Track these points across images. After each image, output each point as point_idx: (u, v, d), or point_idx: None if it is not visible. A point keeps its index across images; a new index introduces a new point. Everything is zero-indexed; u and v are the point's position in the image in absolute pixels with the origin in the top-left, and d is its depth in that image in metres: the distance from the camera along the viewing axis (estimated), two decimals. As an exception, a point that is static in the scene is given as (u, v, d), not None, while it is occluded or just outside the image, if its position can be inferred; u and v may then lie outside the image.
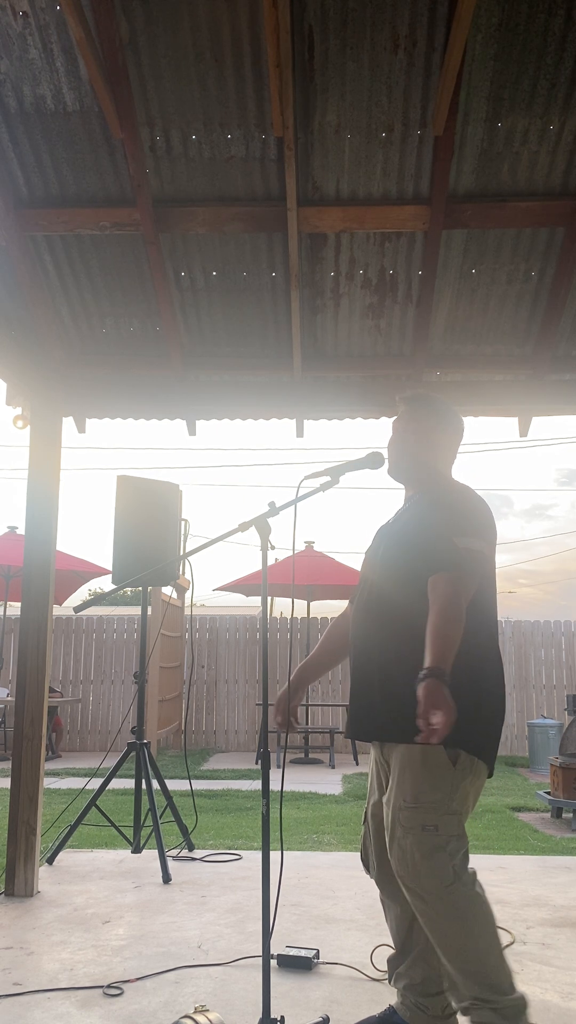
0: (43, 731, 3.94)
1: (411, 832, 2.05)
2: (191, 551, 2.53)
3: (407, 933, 2.30)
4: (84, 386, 4.19)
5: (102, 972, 2.86)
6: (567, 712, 7.29)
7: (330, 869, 4.31)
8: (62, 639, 11.15)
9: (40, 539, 4.03)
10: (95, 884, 4.00)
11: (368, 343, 4.14)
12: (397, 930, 2.34)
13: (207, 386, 4.27)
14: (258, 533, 2.33)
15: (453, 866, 2.03)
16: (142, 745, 4.50)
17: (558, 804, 6.20)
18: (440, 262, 3.71)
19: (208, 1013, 2.31)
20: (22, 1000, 2.64)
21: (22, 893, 3.79)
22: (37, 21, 2.94)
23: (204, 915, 3.52)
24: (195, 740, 10.86)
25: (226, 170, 3.44)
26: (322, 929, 3.33)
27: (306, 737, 10.12)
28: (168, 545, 4.56)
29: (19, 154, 3.40)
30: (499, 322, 4.00)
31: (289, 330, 4.03)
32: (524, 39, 2.96)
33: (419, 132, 3.26)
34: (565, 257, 3.64)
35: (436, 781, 2.07)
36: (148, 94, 3.17)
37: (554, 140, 3.28)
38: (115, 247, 3.74)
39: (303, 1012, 2.53)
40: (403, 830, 2.07)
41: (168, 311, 3.92)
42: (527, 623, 11.05)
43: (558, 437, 42.59)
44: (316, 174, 3.44)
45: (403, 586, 2.21)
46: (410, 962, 2.29)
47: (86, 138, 3.32)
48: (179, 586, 9.82)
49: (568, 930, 3.34)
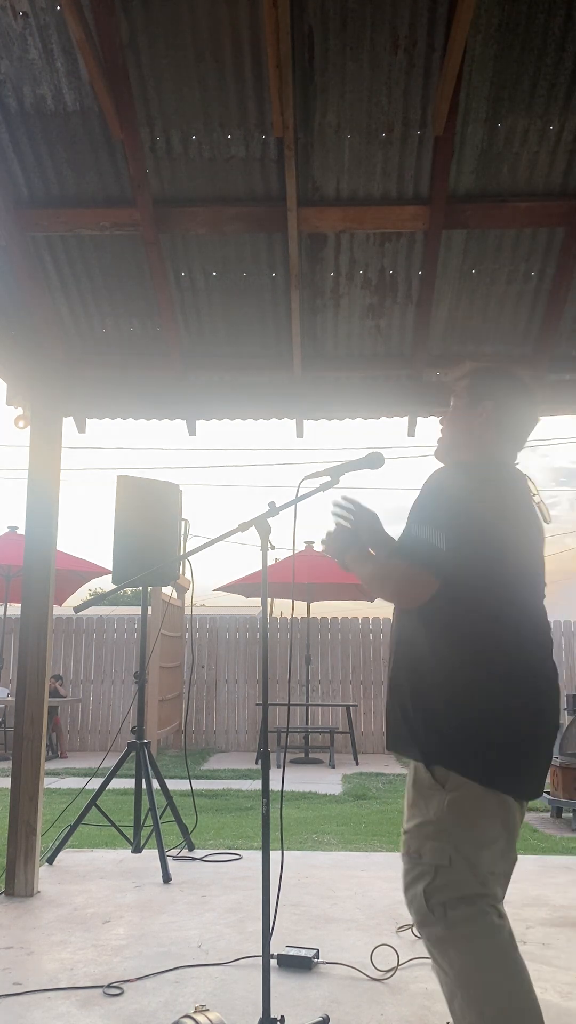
0: (43, 731, 3.94)
1: (403, 857, 1.87)
2: (191, 551, 2.53)
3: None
4: (84, 386, 4.20)
5: (102, 972, 2.86)
6: (567, 712, 7.29)
7: (330, 869, 4.31)
8: (62, 639, 11.15)
9: (40, 539, 4.03)
10: (95, 884, 4.00)
11: (368, 343, 4.14)
12: None
13: (207, 386, 4.27)
14: (258, 533, 2.33)
15: (441, 903, 1.74)
16: (142, 745, 4.50)
17: (558, 804, 6.20)
18: (440, 262, 3.71)
19: (208, 1013, 2.31)
20: (22, 1000, 2.64)
21: (22, 893, 3.79)
22: (37, 21, 2.94)
23: (204, 915, 3.52)
24: (195, 740, 10.86)
25: (226, 170, 3.44)
26: (322, 929, 3.33)
27: (306, 737, 10.12)
28: (168, 545, 4.56)
29: (19, 154, 3.40)
30: (499, 322, 4.00)
31: (289, 330, 4.03)
32: (524, 39, 2.96)
33: (419, 132, 3.26)
34: (565, 257, 3.64)
35: (421, 804, 1.84)
36: (148, 94, 3.17)
37: (554, 140, 3.28)
38: (115, 247, 3.74)
39: (303, 1012, 2.53)
40: (402, 855, 1.89)
41: (168, 311, 3.92)
42: (527, 623, 11.03)
43: (558, 437, 42.60)
44: (316, 174, 3.44)
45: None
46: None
47: (86, 138, 3.32)
48: (179, 586, 9.82)
49: (568, 930, 3.34)
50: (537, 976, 2.81)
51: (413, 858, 1.82)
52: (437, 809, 1.80)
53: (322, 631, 11.11)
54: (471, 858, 1.76)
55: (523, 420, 2.09)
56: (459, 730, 1.82)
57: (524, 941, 3.18)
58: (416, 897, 1.79)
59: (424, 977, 2.78)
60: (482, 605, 1.87)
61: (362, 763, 9.51)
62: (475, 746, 1.81)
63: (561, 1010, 2.55)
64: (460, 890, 1.75)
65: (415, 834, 1.83)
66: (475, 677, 1.85)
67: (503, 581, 1.89)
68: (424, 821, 1.82)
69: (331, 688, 10.92)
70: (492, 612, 1.88)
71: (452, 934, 1.74)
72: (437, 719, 1.85)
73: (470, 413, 2.08)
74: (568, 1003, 2.61)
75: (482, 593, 1.87)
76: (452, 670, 1.86)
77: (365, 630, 11.10)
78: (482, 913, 1.74)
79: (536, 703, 1.87)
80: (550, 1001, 2.61)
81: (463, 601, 1.86)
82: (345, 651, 11.05)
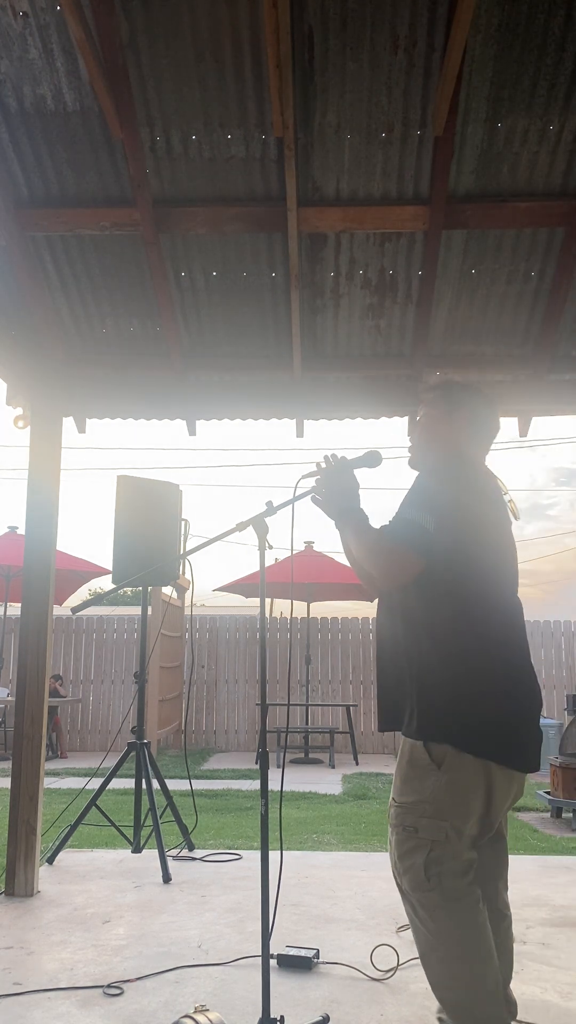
0: (43, 731, 3.94)
1: (395, 829, 2.02)
2: (191, 551, 2.53)
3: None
4: (84, 386, 4.20)
5: (102, 972, 2.87)
6: (567, 712, 7.30)
7: (330, 869, 4.31)
8: (62, 639, 11.15)
9: (40, 539, 4.03)
10: (95, 884, 4.00)
11: (368, 343, 4.14)
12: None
13: (207, 386, 4.27)
14: (255, 533, 2.33)
15: (437, 873, 1.93)
16: (142, 745, 4.50)
17: (558, 804, 6.20)
18: (440, 262, 3.71)
19: (208, 1013, 2.31)
20: (22, 1000, 2.64)
21: (22, 893, 3.79)
22: (37, 21, 2.94)
23: (204, 915, 3.52)
24: (195, 740, 10.86)
25: (226, 170, 3.44)
26: (322, 929, 3.33)
27: (306, 737, 10.12)
28: (168, 545, 4.56)
29: (19, 154, 3.40)
30: (499, 322, 4.00)
31: (289, 330, 4.03)
32: (524, 39, 2.96)
33: (419, 132, 3.26)
34: (565, 257, 3.64)
35: (415, 782, 2.00)
36: (148, 94, 3.17)
37: (554, 140, 3.28)
38: (115, 247, 3.74)
39: (303, 1012, 2.53)
40: (391, 826, 2.05)
41: (168, 311, 3.92)
42: (527, 623, 11.02)
43: (558, 437, 42.57)
44: (316, 174, 3.44)
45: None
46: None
47: (86, 138, 3.33)
48: (179, 586, 9.82)
49: (568, 930, 3.34)
50: (537, 976, 2.82)
51: (409, 831, 1.98)
52: (433, 789, 1.97)
53: (322, 631, 11.11)
54: (462, 829, 1.96)
55: (492, 428, 2.33)
56: (453, 703, 1.98)
57: (524, 941, 3.18)
58: (414, 867, 1.96)
59: (424, 977, 2.78)
60: (466, 586, 2.03)
61: (362, 763, 9.51)
62: (469, 719, 1.96)
63: (561, 1010, 2.55)
64: (456, 860, 1.95)
65: (411, 810, 1.99)
66: (467, 656, 2.00)
67: (486, 565, 2.07)
68: (420, 800, 1.98)
69: (331, 688, 10.92)
70: (477, 593, 2.04)
71: (445, 900, 1.93)
72: (432, 695, 2.00)
73: (445, 421, 2.29)
74: (568, 1003, 2.61)
75: (467, 574, 2.02)
76: (444, 648, 2.02)
77: (365, 630, 11.10)
78: (472, 883, 1.97)
79: (524, 683, 2.05)
80: (550, 1001, 2.61)
81: (449, 582, 2.01)
82: (345, 651, 11.05)
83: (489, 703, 1.98)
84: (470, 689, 1.98)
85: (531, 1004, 2.58)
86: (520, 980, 2.77)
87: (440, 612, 2.02)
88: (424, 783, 1.98)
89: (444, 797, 1.95)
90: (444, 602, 2.02)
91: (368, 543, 2.10)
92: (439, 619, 2.03)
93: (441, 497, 2.02)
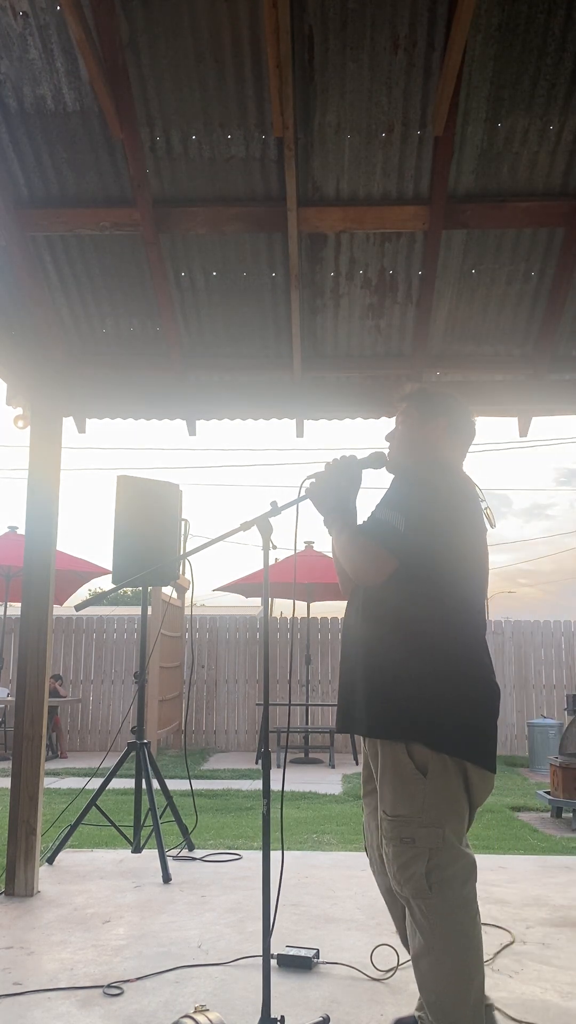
0: (43, 731, 3.94)
1: (392, 842, 2.06)
2: (191, 551, 2.53)
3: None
4: (84, 386, 4.20)
5: (102, 972, 2.86)
6: (567, 712, 7.29)
7: (330, 869, 4.31)
8: (62, 639, 11.15)
9: (40, 539, 4.03)
10: (95, 884, 4.00)
11: (368, 343, 4.14)
12: (400, 930, 2.32)
13: (207, 386, 4.27)
14: (260, 533, 2.34)
15: (439, 880, 1.98)
16: (142, 745, 4.50)
17: (558, 804, 6.20)
18: (440, 262, 3.71)
19: (208, 1013, 2.31)
20: (22, 1000, 2.64)
21: (22, 893, 3.79)
22: (37, 21, 2.94)
23: (204, 915, 3.52)
24: (195, 740, 10.86)
25: (226, 170, 3.44)
26: (322, 929, 3.33)
27: (306, 737, 10.12)
28: (168, 545, 4.56)
29: (19, 154, 3.40)
30: (499, 322, 4.00)
31: (289, 330, 4.03)
32: (524, 39, 2.96)
33: (419, 132, 3.26)
34: (565, 257, 3.64)
35: (407, 795, 2.03)
36: (148, 94, 3.17)
37: (554, 140, 3.28)
38: (115, 247, 3.74)
39: (303, 1012, 2.53)
40: (386, 840, 2.07)
41: (168, 311, 3.92)
42: (527, 623, 11.05)
43: (558, 437, 42.65)
44: (316, 174, 3.44)
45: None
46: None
47: (86, 138, 3.33)
48: (179, 586, 9.82)
49: (568, 930, 3.34)
50: (537, 976, 2.82)
51: (406, 843, 2.01)
52: (422, 800, 2.01)
53: (322, 631, 11.11)
54: (458, 831, 2.03)
55: (468, 434, 2.41)
56: (424, 703, 2.02)
57: (524, 941, 3.18)
58: (415, 876, 2.00)
59: (424, 977, 2.78)
60: (439, 587, 2.07)
61: (362, 763, 9.50)
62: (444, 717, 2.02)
63: (561, 1010, 2.55)
64: (455, 863, 2.00)
65: (407, 823, 2.02)
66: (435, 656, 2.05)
67: (455, 567, 2.11)
68: (411, 813, 2.02)
69: (331, 688, 10.91)
70: (449, 594, 2.09)
71: (448, 907, 1.99)
72: (397, 693, 2.05)
73: (424, 428, 2.36)
74: (568, 1003, 2.61)
75: (437, 575, 2.07)
76: (413, 647, 2.06)
77: (365, 630, 11.09)
78: (473, 889, 2.01)
79: (492, 685, 2.11)
80: (550, 1001, 2.61)
81: (419, 581, 2.05)
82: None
83: (464, 706, 2.04)
84: (441, 689, 2.03)
85: (531, 1004, 2.58)
86: (520, 980, 2.77)
87: (411, 611, 2.07)
88: (414, 794, 2.02)
89: (435, 804, 2.01)
90: (416, 602, 2.06)
91: (343, 540, 2.17)
92: (408, 618, 2.07)
93: (413, 499, 2.09)
